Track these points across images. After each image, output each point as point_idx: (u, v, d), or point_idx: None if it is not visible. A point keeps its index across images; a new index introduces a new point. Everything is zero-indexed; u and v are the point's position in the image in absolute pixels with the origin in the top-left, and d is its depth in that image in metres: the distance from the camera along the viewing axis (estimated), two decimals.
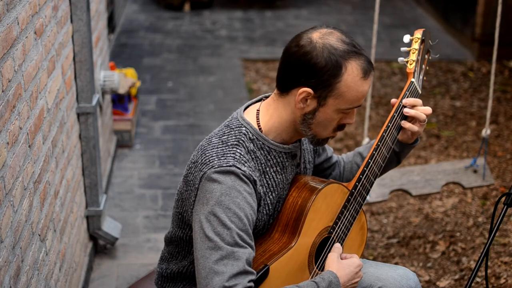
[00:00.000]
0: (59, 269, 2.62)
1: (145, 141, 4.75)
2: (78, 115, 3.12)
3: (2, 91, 1.91)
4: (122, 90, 4.15)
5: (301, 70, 1.87)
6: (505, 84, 5.80)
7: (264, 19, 7.73)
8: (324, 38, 1.87)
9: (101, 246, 3.51)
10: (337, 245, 2.00)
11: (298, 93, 1.88)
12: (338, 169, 2.30)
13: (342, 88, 1.86)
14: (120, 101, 4.58)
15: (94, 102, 3.17)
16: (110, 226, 3.45)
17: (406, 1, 8.48)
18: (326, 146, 2.25)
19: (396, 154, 2.19)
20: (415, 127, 2.07)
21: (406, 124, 2.08)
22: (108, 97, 4.17)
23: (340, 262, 1.96)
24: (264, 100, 2.03)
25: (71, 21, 3.00)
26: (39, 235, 2.30)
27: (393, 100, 2.11)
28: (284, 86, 1.92)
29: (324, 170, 2.27)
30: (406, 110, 2.07)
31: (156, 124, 5.02)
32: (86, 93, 3.12)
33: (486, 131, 3.55)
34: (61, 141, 2.72)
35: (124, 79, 4.23)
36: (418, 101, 2.08)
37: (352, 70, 1.86)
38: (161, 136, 4.82)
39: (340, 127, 1.97)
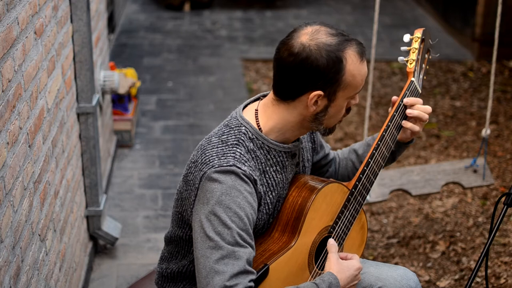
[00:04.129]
0: (59, 269, 2.62)
1: (145, 141, 4.75)
2: (78, 115, 3.12)
3: (2, 91, 1.91)
4: (122, 90, 4.15)
5: (305, 77, 1.86)
6: (505, 84, 5.80)
7: (264, 19, 7.73)
8: (314, 38, 1.87)
9: (101, 246, 3.51)
10: (332, 242, 1.97)
11: (309, 99, 1.88)
12: (334, 166, 2.31)
13: (348, 78, 1.88)
14: (120, 101, 4.58)
15: (94, 102, 3.17)
16: (110, 226, 3.45)
17: (406, 1, 8.48)
18: (324, 143, 2.26)
19: (392, 152, 2.19)
20: (416, 127, 2.08)
21: (407, 124, 2.08)
22: (108, 97, 4.17)
23: (341, 264, 1.95)
24: (261, 99, 2.03)
25: (71, 21, 3.00)
26: (39, 235, 2.30)
27: (394, 98, 2.11)
28: (289, 95, 1.91)
29: (321, 167, 2.27)
30: (409, 111, 2.07)
31: (156, 124, 5.02)
32: (86, 93, 3.12)
33: (486, 131, 3.55)
34: (61, 141, 2.72)
35: (124, 79, 4.23)
36: (419, 100, 2.09)
37: (351, 59, 1.87)
38: (161, 136, 4.83)
39: (347, 110, 1.99)
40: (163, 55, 6.49)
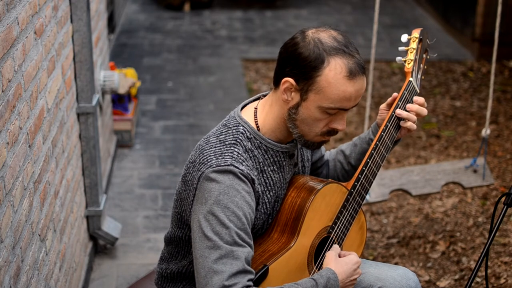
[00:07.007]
0: (59, 269, 2.62)
1: (145, 141, 4.75)
2: (78, 115, 3.12)
3: (2, 91, 1.91)
4: (122, 90, 4.15)
5: (287, 60, 1.89)
6: (505, 84, 5.80)
7: (264, 19, 7.73)
8: (317, 33, 1.89)
9: (101, 246, 3.52)
10: (336, 246, 2.01)
11: (282, 83, 1.89)
12: (326, 168, 2.30)
13: (322, 83, 1.85)
14: (120, 101, 4.58)
15: (94, 102, 3.17)
16: (110, 226, 3.45)
17: (406, 1, 8.48)
18: None
19: None
20: (414, 126, 2.09)
21: (406, 123, 2.08)
22: (108, 97, 4.17)
23: (338, 260, 1.96)
24: (262, 98, 2.04)
25: (71, 21, 3.00)
26: (39, 235, 2.30)
27: (394, 94, 2.12)
28: (276, 79, 1.94)
29: (316, 169, 2.27)
30: (398, 111, 2.07)
31: (156, 124, 5.02)
32: (86, 93, 3.12)
33: (486, 131, 3.55)
34: (61, 141, 2.72)
35: (124, 79, 4.23)
36: (423, 110, 2.10)
37: (335, 66, 1.84)
38: (161, 136, 4.83)
39: (330, 132, 1.94)
40: (163, 55, 6.49)
